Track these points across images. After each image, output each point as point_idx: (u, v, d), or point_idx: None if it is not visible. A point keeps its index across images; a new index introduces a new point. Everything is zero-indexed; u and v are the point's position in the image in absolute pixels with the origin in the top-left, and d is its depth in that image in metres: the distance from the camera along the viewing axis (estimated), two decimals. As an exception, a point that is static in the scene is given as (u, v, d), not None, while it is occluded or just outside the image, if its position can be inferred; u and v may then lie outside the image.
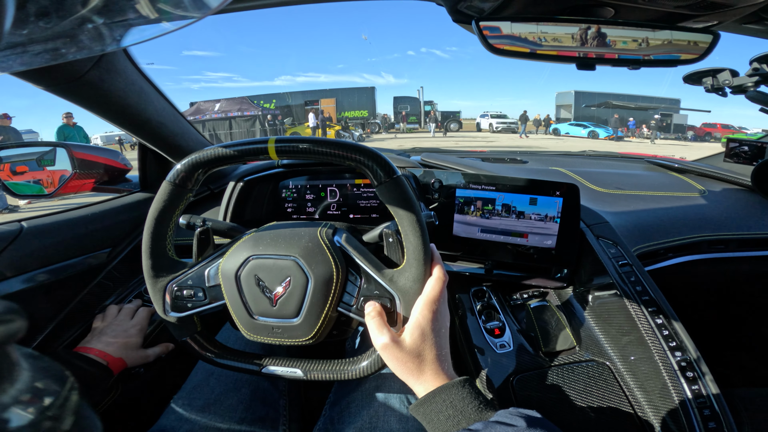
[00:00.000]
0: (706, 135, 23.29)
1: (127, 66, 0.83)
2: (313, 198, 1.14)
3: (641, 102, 27.23)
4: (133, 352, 0.82)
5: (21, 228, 0.89)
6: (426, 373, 0.53)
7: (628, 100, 27.33)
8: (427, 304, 0.54)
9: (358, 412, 0.76)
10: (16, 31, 0.26)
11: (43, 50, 0.30)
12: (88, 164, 1.07)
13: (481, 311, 0.90)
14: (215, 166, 0.58)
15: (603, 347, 0.77)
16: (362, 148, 0.54)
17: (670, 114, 25.46)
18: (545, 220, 0.89)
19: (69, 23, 0.29)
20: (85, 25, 0.30)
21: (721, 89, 1.31)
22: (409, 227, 0.54)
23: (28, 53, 0.30)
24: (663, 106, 26.19)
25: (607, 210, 1.06)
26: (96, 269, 1.03)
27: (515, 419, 0.45)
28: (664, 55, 0.66)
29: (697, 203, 1.24)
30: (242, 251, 0.59)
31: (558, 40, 0.66)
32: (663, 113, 25.22)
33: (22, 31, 0.27)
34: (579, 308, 0.86)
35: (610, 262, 0.83)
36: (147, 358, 0.84)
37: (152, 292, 0.63)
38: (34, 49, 0.29)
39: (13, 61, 0.30)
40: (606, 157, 1.92)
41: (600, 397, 0.70)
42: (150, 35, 0.34)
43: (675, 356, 0.68)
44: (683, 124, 25.17)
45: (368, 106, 25.74)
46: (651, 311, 0.74)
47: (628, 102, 27.08)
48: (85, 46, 0.31)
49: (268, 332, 0.60)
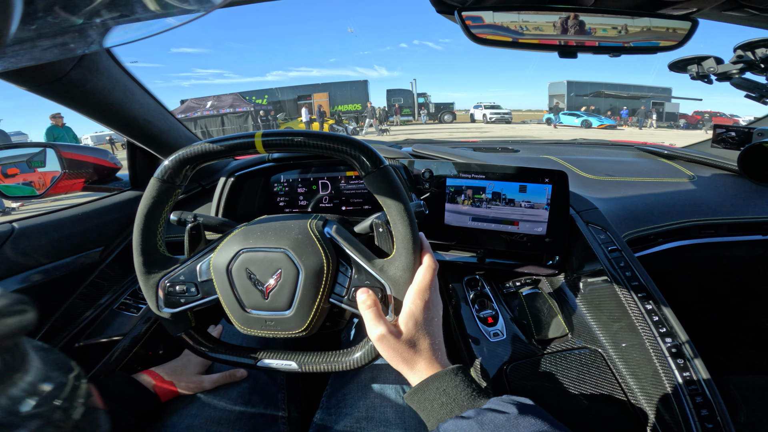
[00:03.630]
0: (698, 123, 23.47)
1: (110, 65, 0.82)
2: (305, 191, 1.14)
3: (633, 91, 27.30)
4: (186, 377, 0.80)
5: (12, 229, 0.88)
6: (420, 362, 0.53)
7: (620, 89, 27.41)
8: (418, 293, 0.54)
9: (354, 403, 0.77)
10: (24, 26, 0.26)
11: (51, 45, 0.30)
12: (77, 164, 1.07)
13: (474, 300, 0.90)
14: (203, 162, 0.58)
15: (595, 334, 0.78)
16: (348, 139, 0.54)
17: (662, 102, 25.59)
18: (535, 207, 0.90)
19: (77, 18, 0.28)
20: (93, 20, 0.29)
21: (706, 76, 1.34)
22: (398, 216, 0.54)
23: (37, 48, 0.29)
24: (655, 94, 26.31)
25: (597, 196, 1.07)
26: (89, 268, 1.03)
27: (507, 406, 0.45)
28: (644, 42, 0.66)
29: (687, 189, 1.25)
30: (233, 245, 0.59)
31: (539, 29, 0.66)
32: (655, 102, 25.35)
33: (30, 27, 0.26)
34: (570, 295, 0.87)
35: (600, 248, 0.84)
36: (200, 384, 0.80)
37: (144, 288, 0.63)
38: (43, 44, 0.29)
39: (22, 56, 0.30)
40: (597, 145, 1.93)
41: (593, 385, 0.71)
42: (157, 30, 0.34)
43: (665, 342, 0.69)
44: (675, 112, 25.35)
45: (361, 100, 25.63)
46: (641, 297, 0.75)
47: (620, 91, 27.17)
48: (94, 41, 0.31)
49: (261, 325, 0.60)
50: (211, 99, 22.94)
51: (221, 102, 22.62)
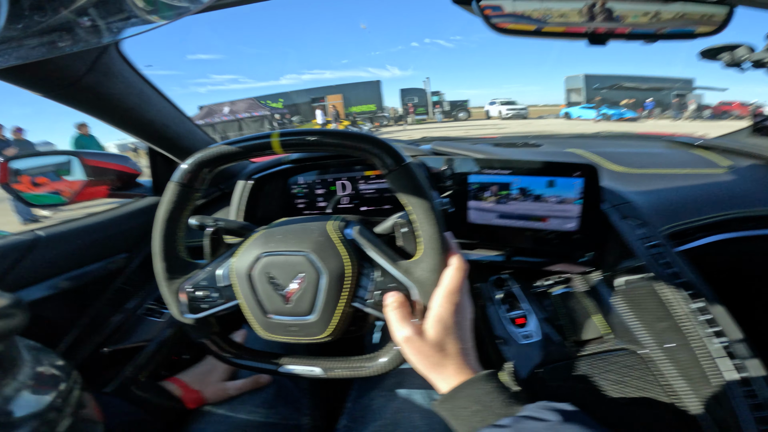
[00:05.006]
0: (724, 113, 22.61)
1: (124, 68, 0.82)
2: (324, 192, 1.12)
3: (654, 83, 26.56)
4: (212, 385, 0.80)
5: (37, 237, 0.89)
6: (449, 367, 0.51)
7: (639, 81, 26.70)
8: (447, 295, 0.51)
9: (380, 410, 0.74)
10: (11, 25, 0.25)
11: (39, 44, 0.29)
12: (99, 171, 1.08)
13: (502, 300, 0.87)
14: (221, 164, 0.57)
15: (636, 335, 0.73)
16: (369, 137, 0.52)
17: (684, 93, 24.83)
18: (565, 202, 0.86)
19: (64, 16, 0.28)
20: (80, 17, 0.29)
21: (739, 65, 1.29)
22: (423, 215, 0.52)
23: (24, 47, 0.29)
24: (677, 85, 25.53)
25: (630, 190, 1.02)
26: (115, 274, 1.04)
27: (547, 413, 0.42)
28: (679, 29, 0.62)
29: (725, 180, 1.18)
30: (253, 249, 0.58)
31: (565, 16, 0.62)
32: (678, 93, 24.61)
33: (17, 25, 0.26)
34: (607, 294, 0.83)
35: (639, 244, 0.79)
36: (225, 391, 0.80)
37: (167, 294, 0.62)
38: (30, 42, 0.29)
39: (9, 55, 0.29)
40: (622, 138, 1.86)
41: (636, 388, 0.67)
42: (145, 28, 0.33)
43: (717, 342, 0.64)
44: (699, 103, 24.51)
45: (375, 100, 25.73)
46: (687, 294, 0.70)
47: (640, 83, 26.47)
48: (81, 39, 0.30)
49: (283, 331, 0.58)
50: (227, 104, 23.44)
51: (237, 107, 23.07)
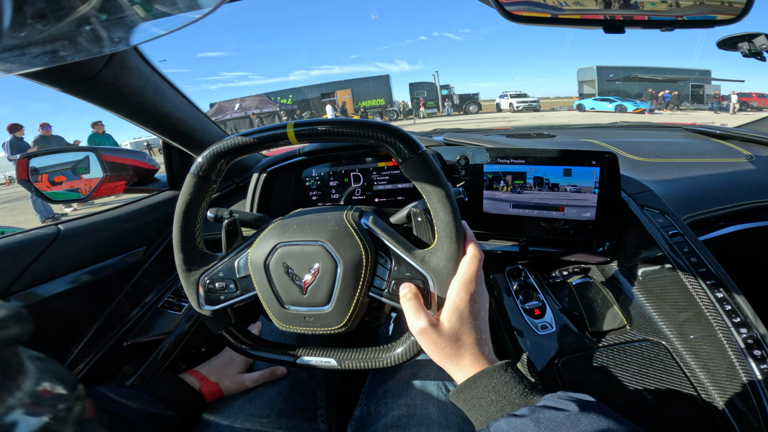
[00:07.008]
0: (742, 105, 22.00)
1: (140, 63, 0.83)
2: (337, 184, 1.12)
3: (669, 74, 25.87)
4: (229, 377, 0.80)
5: (58, 231, 0.91)
6: (465, 357, 0.50)
7: (654, 72, 26.03)
8: (463, 285, 0.51)
9: (395, 401, 0.74)
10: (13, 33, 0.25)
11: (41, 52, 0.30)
12: (117, 166, 1.10)
13: (518, 291, 0.86)
14: (236, 155, 0.57)
15: (657, 325, 0.72)
16: (383, 126, 0.52)
17: (701, 85, 24.17)
18: (582, 191, 0.84)
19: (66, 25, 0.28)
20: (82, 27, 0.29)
21: (759, 53, 1.27)
22: (439, 203, 0.51)
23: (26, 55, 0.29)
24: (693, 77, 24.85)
25: (649, 179, 0.99)
26: (133, 268, 1.05)
27: (566, 403, 0.41)
28: (699, 16, 0.60)
29: (745, 169, 1.15)
30: (269, 239, 0.58)
31: (580, 3, 0.61)
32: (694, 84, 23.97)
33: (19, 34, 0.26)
34: (626, 284, 0.81)
35: (659, 233, 0.77)
36: (242, 384, 0.80)
37: (186, 285, 0.63)
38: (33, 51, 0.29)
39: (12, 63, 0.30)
40: (640, 127, 1.82)
41: (657, 379, 0.65)
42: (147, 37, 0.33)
43: (740, 333, 0.62)
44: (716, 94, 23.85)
45: (384, 95, 25.63)
46: (710, 284, 0.68)
47: (655, 75, 25.82)
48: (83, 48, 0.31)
49: (300, 322, 0.58)
50: (237, 101, 23.62)
51: (248, 104, 23.23)
